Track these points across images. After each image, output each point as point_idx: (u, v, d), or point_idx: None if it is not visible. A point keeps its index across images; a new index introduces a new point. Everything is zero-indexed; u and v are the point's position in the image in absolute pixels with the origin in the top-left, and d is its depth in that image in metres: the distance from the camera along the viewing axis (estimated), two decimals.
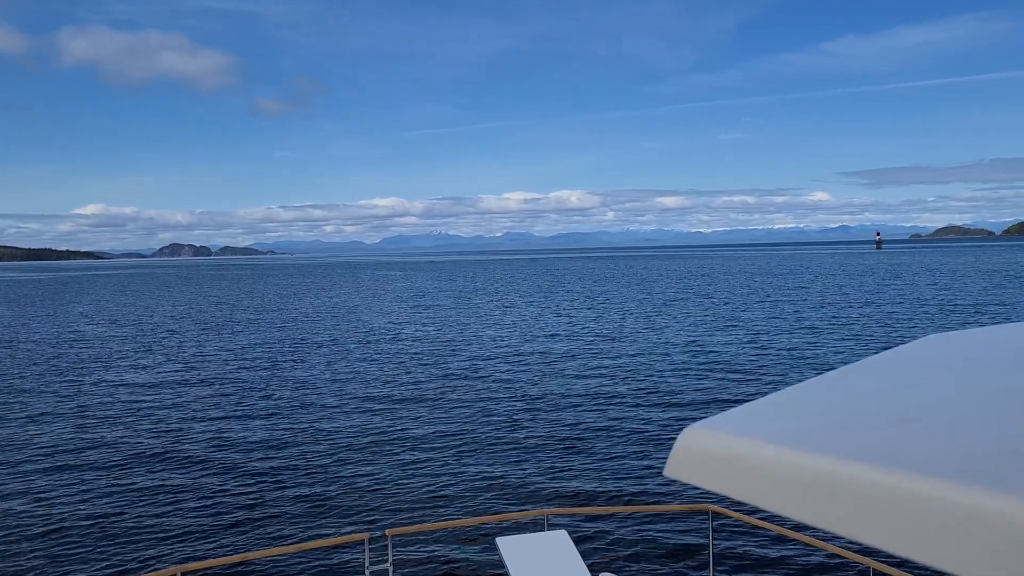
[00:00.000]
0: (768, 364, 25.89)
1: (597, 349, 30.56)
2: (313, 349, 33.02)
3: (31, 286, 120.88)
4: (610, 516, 11.84)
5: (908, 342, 2.29)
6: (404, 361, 28.72)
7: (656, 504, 12.29)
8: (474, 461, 15.24)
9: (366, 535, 7.61)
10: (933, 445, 1.24)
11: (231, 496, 13.51)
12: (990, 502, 0.99)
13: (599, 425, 17.87)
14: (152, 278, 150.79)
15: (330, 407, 20.72)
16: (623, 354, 28.95)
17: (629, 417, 18.59)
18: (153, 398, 22.80)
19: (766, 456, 1.31)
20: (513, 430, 17.63)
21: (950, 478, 1.06)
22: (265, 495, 13.52)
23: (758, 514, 8.36)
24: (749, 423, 1.49)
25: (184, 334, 40.91)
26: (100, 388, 24.70)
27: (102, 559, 10.99)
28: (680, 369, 25.18)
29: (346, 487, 13.84)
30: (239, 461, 15.70)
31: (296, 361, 29.49)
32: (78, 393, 23.87)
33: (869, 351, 28.57)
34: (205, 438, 17.67)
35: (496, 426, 18.07)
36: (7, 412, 21.23)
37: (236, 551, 10.92)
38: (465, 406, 20.39)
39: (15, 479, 14.85)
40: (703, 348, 29.81)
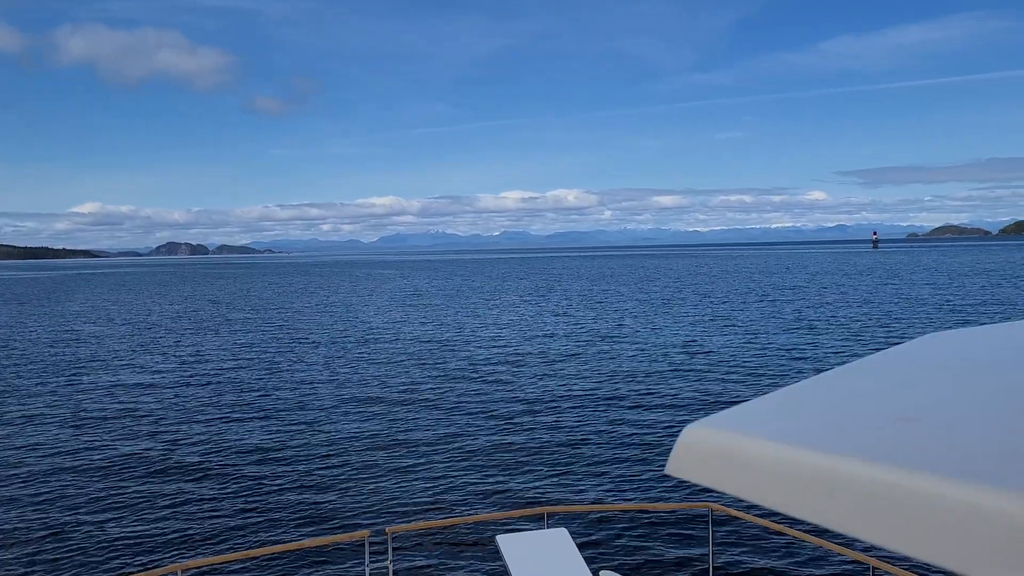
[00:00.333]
0: (767, 363, 25.92)
1: (596, 348, 30.57)
2: (311, 348, 33.00)
3: (28, 285, 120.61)
4: (610, 514, 11.84)
5: (906, 341, 2.29)
6: (403, 360, 28.70)
7: (656, 502, 12.30)
8: (474, 459, 15.24)
9: (366, 533, 7.61)
10: (932, 443, 1.25)
11: (231, 494, 13.50)
12: (990, 500, 0.99)
13: (599, 423, 17.88)
14: (149, 277, 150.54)
15: (329, 406, 20.71)
16: (622, 353, 28.96)
17: (629, 415, 18.60)
18: (152, 397, 22.77)
19: (766, 454, 1.31)
20: (513, 428, 17.63)
21: (949, 476, 1.06)
22: (265, 493, 13.51)
23: (758, 512, 8.37)
24: (749, 421, 1.49)
25: (181, 333, 40.85)
26: (98, 387, 24.67)
27: (102, 558, 10.98)
28: (679, 368, 25.20)
29: (346, 485, 13.84)
30: (239, 459, 15.68)
31: (295, 360, 29.46)
32: (76, 392, 23.83)
33: (867, 350, 28.62)
34: (204, 437, 17.64)
35: (496, 424, 18.07)
36: (4, 412, 21.19)
37: (236, 549, 10.92)
38: (465, 404, 20.39)
39: (14, 479, 14.82)
40: (702, 347, 29.84)
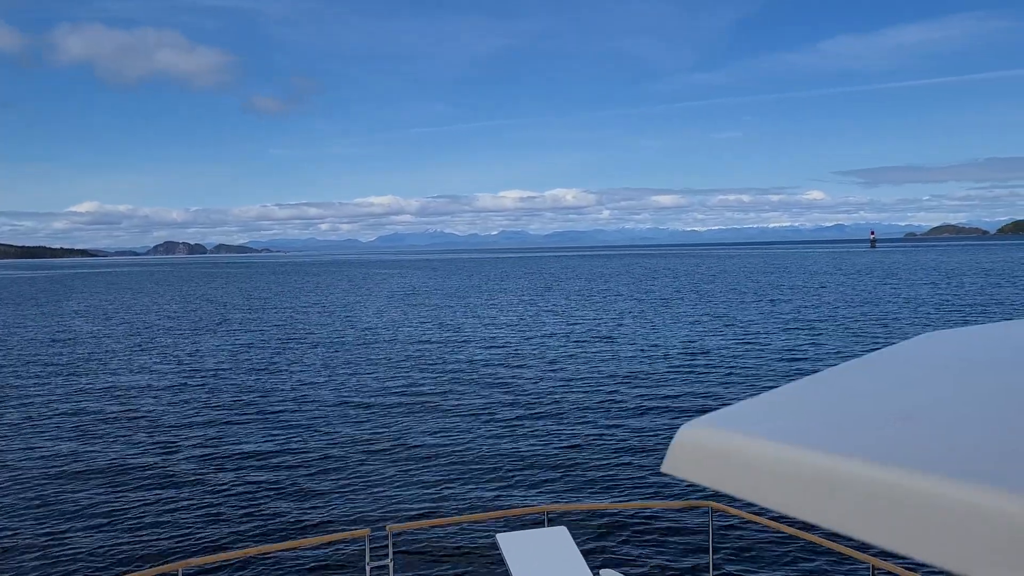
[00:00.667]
0: (765, 362, 25.95)
1: (595, 347, 30.60)
2: (311, 347, 32.99)
3: (25, 284, 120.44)
4: (610, 512, 11.85)
5: (904, 340, 2.29)
6: (403, 359, 28.71)
7: (656, 500, 12.32)
8: (475, 458, 15.25)
9: (367, 531, 7.62)
10: (930, 443, 1.25)
11: (232, 493, 13.51)
12: (988, 499, 0.99)
13: (599, 422, 17.89)
14: (147, 276, 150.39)
15: (329, 405, 20.71)
16: (621, 352, 28.98)
17: (628, 414, 18.62)
18: (151, 396, 22.75)
19: (762, 453, 1.31)
20: (513, 427, 17.64)
21: (947, 475, 1.06)
22: (266, 492, 13.51)
23: (758, 510, 8.37)
24: (746, 420, 1.49)
25: (180, 333, 40.83)
26: (96, 387, 24.65)
27: (103, 557, 10.97)
28: (678, 367, 25.23)
29: (347, 484, 13.85)
30: (239, 459, 15.68)
31: (294, 359, 29.45)
32: (74, 392, 23.81)
33: (865, 350, 28.66)
34: (204, 436, 17.64)
35: (496, 423, 18.08)
36: (3, 412, 21.17)
37: (237, 548, 10.92)
38: (465, 403, 20.40)
39: (14, 478, 14.81)
40: (701, 346, 29.87)
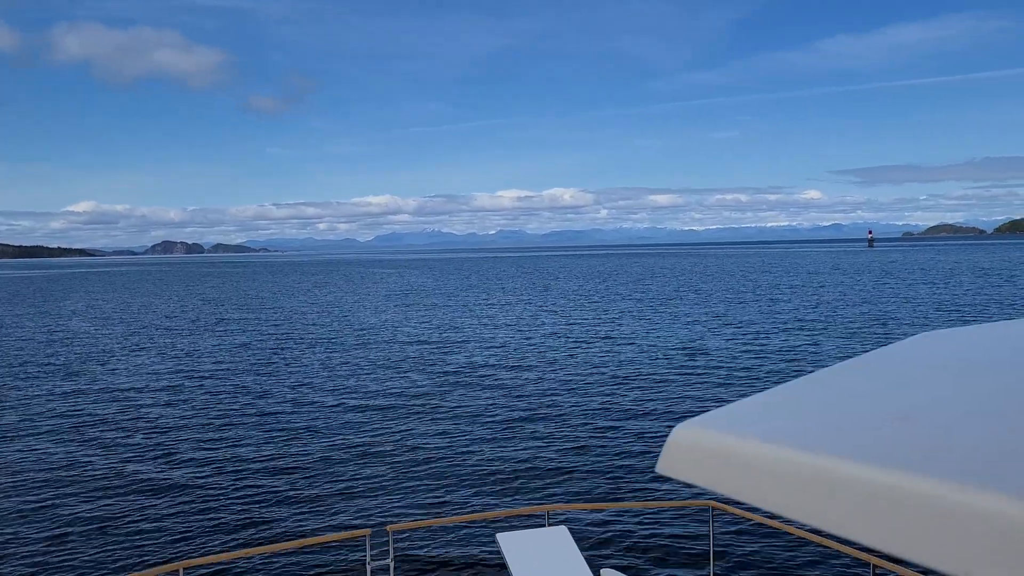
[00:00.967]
0: (762, 362, 25.99)
1: (594, 346, 30.62)
2: (310, 346, 32.98)
3: (22, 284, 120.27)
4: (611, 512, 11.87)
5: (902, 339, 2.29)
6: (402, 359, 28.71)
7: (656, 500, 12.33)
8: (474, 457, 15.26)
9: (367, 531, 7.64)
10: (926, 443, 1.25)
11: (233, 492, 13.51)
12: (985, 501, 0.99)
13: (599, 421, 17.91)
14: (144, 276, 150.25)
15: (330, 404, 20.71)
16: (620, 351, 29.01)
17: (629, 413, 18.64)
18: (150, 396, 22.74)
19: (756, 453, 1.31)
20: (513, 426, 17.65)
21: (944, 476, 1.06)
22: (267, 491, 13.51)
23: (759, 510, 8.38)
24: (740, 420, 1.49)
25: (179, 333, 40.80)
26: (95, 387, 24.62)
27: (104, 556, 10.97)
28: (678, 366, 25.26)
29: (347, 483, 13.85)
30: (240, 458, 15.68)
31: (293, 358, 29.45)
32: (74, 392, 23.79)
33: (863, 349, 28.69)
34: (205, 435, 17.63)
35: (496, 422, 18.09)
36: (2, 413, 21.15)
37: (238, 547, 10.92)
38: (465, 403, 20.41)
39: (15, 478, 14.80)
40: (700, 346, 29.90)
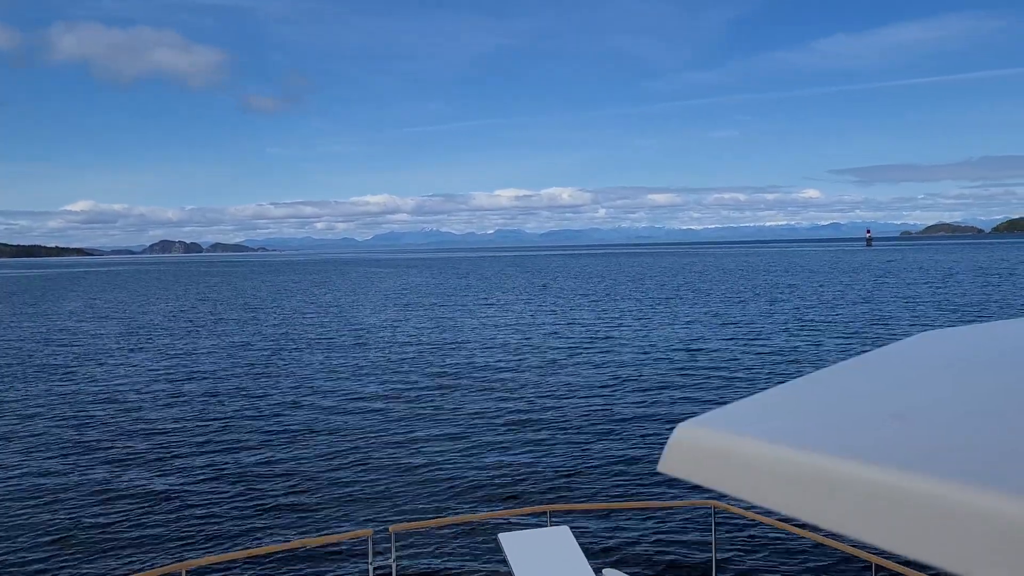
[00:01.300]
0: (762, 361, 26.00)
1: (595, 346, 30.63)
2: (310, 346, 32.96)
3: (20, 283, 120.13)
4: (612, 512, 11.87)
5: (902, 339, 2.29)
6: (403, 359, 28.69)
7: (658, 500, 12.33)
8: (476, 458, 15.26)
9: (369, 531, 7.63)
10: (928, 442, 1.25)
11: (234, 493, 13.49)
12: (986, 500, 0.99)
13: (600, 421, 17.91)
14: (142, 275, 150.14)
15: (331, 404, 20.69)
16: (621, 350, 29.01)
17: (629, 413, 18.64)
18: (151, 396, 22.71)
19: (758, 452, 1.31)
20: (514, 426, 17.66)
21: (946, 476, 1.07)
22: (268, 492, 13.50)
23: (761, 510, 8.38)
24: (741, 420, 1.49)
25: (179, 332, 40.77)
26: (97, 386, 24.59)
27: (106, 557, 10.96)
28: (679, 365, 25.27)
29: (349, 484, 13.85)
30: (242, 458, 15.67)
31: (293, 358, 29.43)
32: (74, 392, 23.76)
33: (863, 348, 28.72)
34: (206, 436, 17.61)
35: (497, 423, 18.09)
36: (2, 413, 21.13)
37: (240, 548, 10.91)
38: (466, 403, 20.40)
39: (16, 478, 14.79)
40: (700, 345, 29.91)
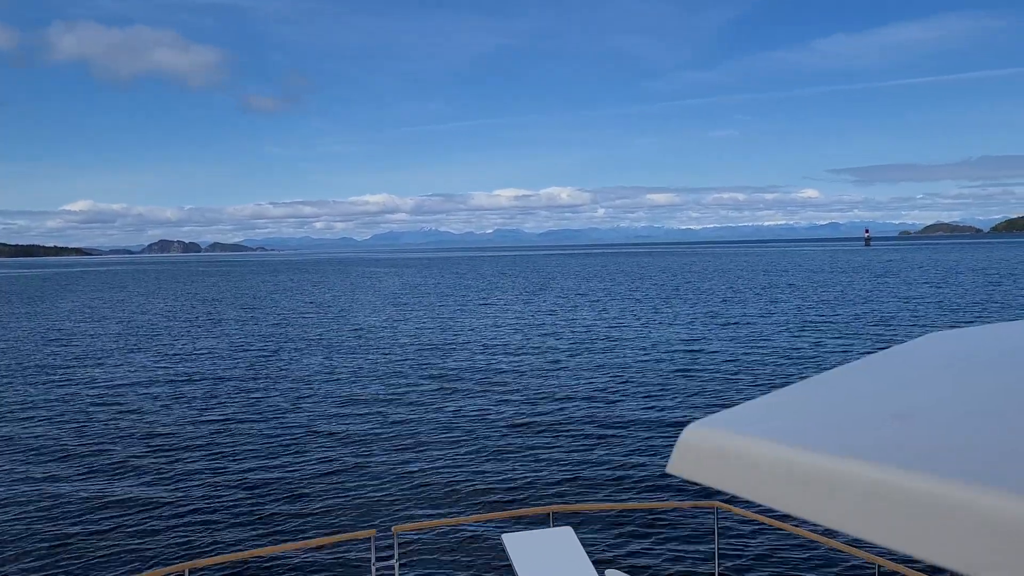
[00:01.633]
0: (768, 362, 25.95)
1: (597, 346, 30.59)
2: (311, 346, 32.92)
3: (18, 283, 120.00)
4: (616, 513, 11.85)
5: (905, 340, 2.28)
6: (406, 359, 28.65)
7: (662, 500, 12.31)
8: (479, 458, 15.23)
9: (373, 531, 7.61)
10: (936, 443, 1.25)
11: (237, 493, 13.47)
12: (990, 500, 1.00)
13: (603, 421, 17.88)
14: (141, 275, 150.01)
15: (334, 404, 20.66)
16: (623, 351, 28.98)
17: (632, 414, 18.61)
18: (152, 397, 22.67)
19: (767, 453, 1.32)
20: (518, 427, 17.62)
21: (953, 476, 1.07)
22: (271, 492, 13.48)
23: (766, 511, 8.36)
24: (750, 421, 1.49)
25: (179, 332, 40.72)
26: (97, 387, 24.55)
27: (109, 558, 10.93)
28: (681, 366, 25.22)
29: (352, 485, 13.81)
30: (244, 459, 15.64)
31: (295, 358, 29.39)
32: (74, 393, 23.72)
33: (867, 348, 28.72)
34: (208, 437, 17.58)
35: (501, 423, 18.05)
36: (5, 411, 21.09)
37: (243, 548, 10.89)
38: (469, 403, 20.37)
39: (17, 480, 14.75)
40: (702, 345, 29.87)
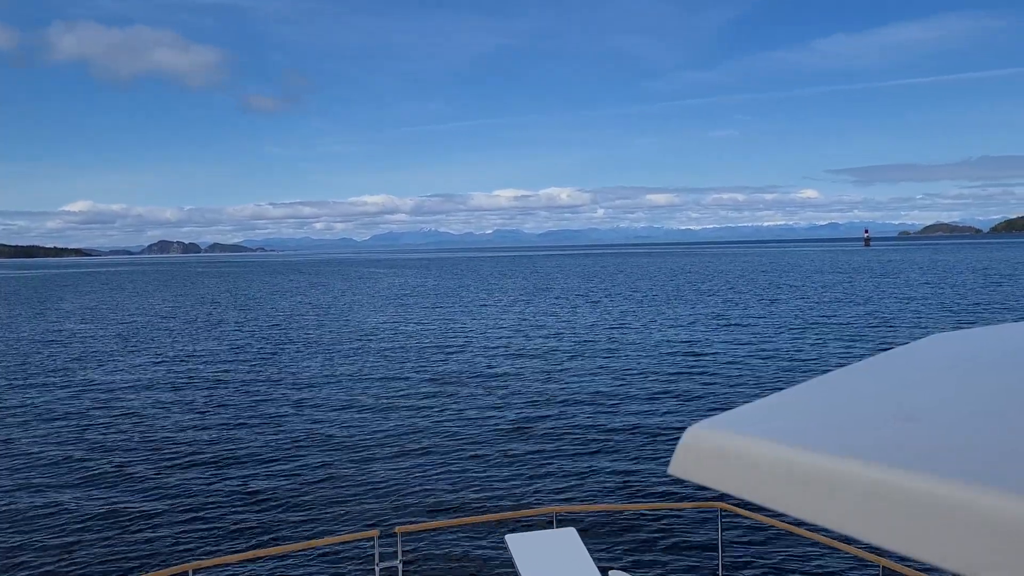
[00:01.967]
0: (765, 362, 25.95)
1: (599, 346, 30.59)
2: (312, 346, 32.92)
3: (18, 283, 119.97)
4: (619, 514, 11.85)
5: (906, 341, 2.28)
6: (407, 359, 28.64)
7: (665, 502, 12.31)
8: (483, 459, 15.22)
9: (376, 532, 7.62)
10: (938, 444, 1.25)
11: (241, 494, 13.47)
12: (990, 500, 0.99)
13: (607, 422, 17.87)
14: (141, 275, 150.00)
15: (336, 405, 20.64)
16: (625, 351, 28.98)
17: (636, 414, 18.61)
18: (153, 397, 22.66)
19: (770, 454, 1.31)
20: (521, 428, 17.61)
21: (956, 477, 1.06)
22: (275, 493, 13.48)
23: (768, 512, 8.36)
24: (753, 422, 1.49)
25: (179, 333, 40.70)
26: (97, 387, 24.54)
27: (112, 558, 10.93)
28: (683, 366, 25.21)
29: (356, 484, 13.81)
30: (247, 459, 15.64)
31: (297, 358, 29.38)
32: (75, 393, 23.70)
33: (867, 349, 28.71)
34: (210, 437, 17.58)
35: (504, 424, 18.04)
36: (5, 413, 21.08)
37: (246, 549, 10.89)
38: (473, 404, 20.35)
39: (19, 481, 14.75)
40: (704, 346, 29.86)
